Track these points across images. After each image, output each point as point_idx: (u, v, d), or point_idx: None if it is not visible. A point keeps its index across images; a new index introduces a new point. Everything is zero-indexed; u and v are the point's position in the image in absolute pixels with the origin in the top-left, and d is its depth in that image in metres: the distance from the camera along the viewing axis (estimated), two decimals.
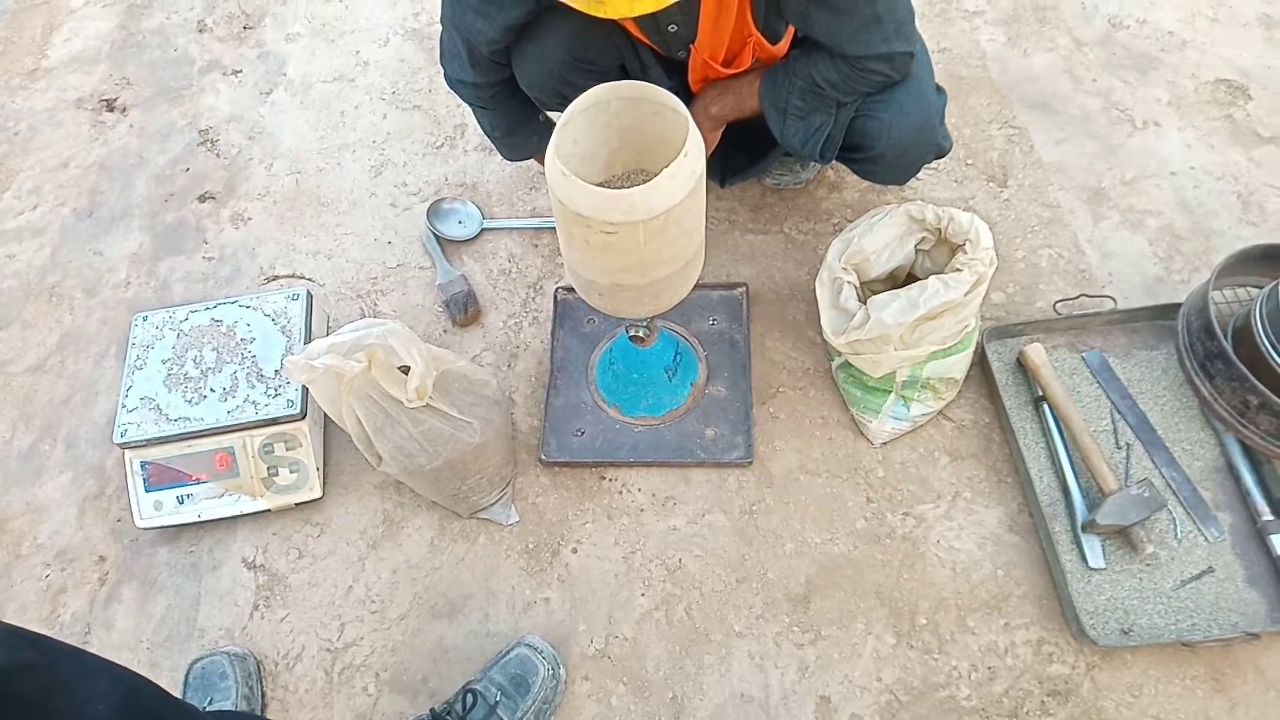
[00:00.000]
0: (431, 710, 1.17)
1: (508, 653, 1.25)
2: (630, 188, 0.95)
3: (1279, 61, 1.80)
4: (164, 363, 1.44)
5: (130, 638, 1.38)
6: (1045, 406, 1.39)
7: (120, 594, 1.41)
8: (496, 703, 1.18)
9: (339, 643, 1.34)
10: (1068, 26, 1.92)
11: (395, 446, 1.22)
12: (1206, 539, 1.29)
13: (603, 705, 1.25)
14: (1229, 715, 1.17)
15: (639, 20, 1.24)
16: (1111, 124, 1.76)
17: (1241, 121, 1.73)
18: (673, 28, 1.25)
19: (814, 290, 1.37)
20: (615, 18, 1.05)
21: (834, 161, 1.41)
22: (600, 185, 1.14)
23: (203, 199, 1.87)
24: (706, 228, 1.18)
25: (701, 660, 1.28)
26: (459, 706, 1.17)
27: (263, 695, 1.30)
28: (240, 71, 2.10)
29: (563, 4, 1.03)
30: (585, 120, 1.05)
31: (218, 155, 1.94)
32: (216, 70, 2.11)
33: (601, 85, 1.02)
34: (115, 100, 2.07)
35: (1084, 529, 1.29)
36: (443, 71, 1.41)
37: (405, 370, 1.17)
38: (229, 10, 2.22)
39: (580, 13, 1.02)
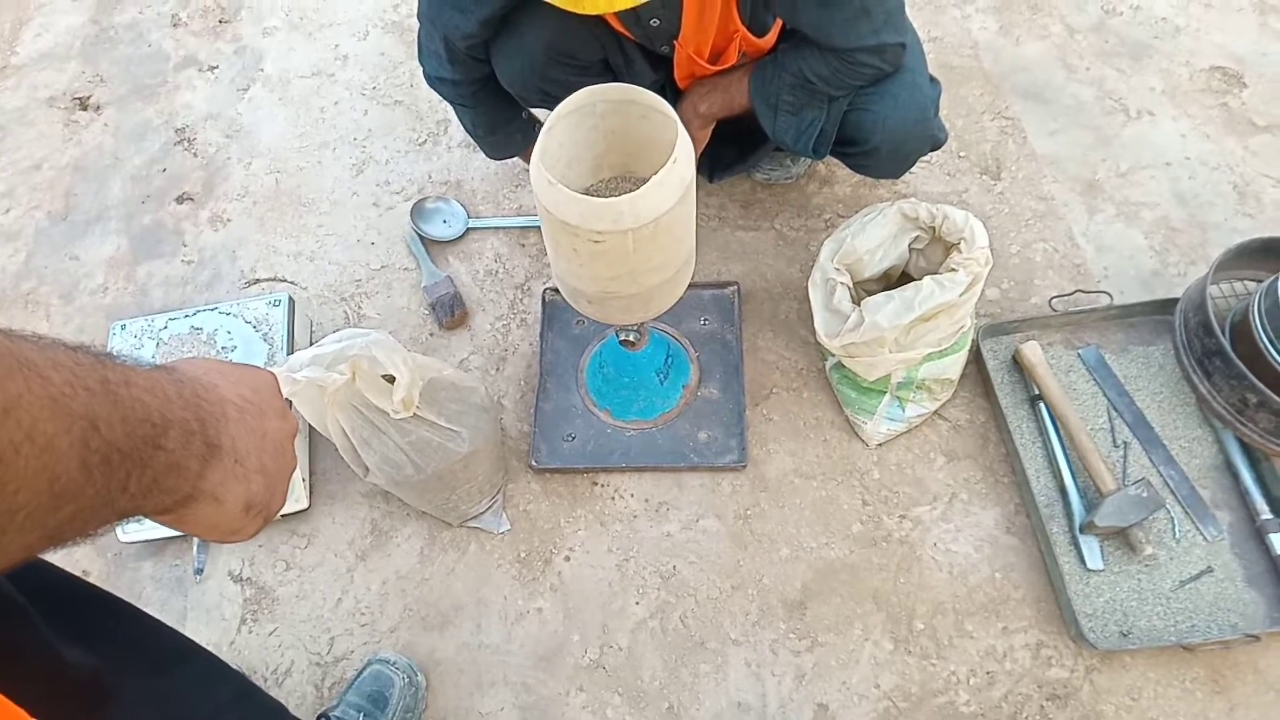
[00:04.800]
0: None
1: (362, 672, 1.25)
2: (618, 193, 0.92)
3: (1275, 48, 1.78)
4: None
5: None
6: (1042, 405, 1.37)
7: None
8: None
9: (329, 656, 1.32)
10: (1060, 14, 1.89)
11: (382, 458, 1.19)
12: (1205, 538, 1.27)
13: (598, 717, 1.24)
14: (1228, 717, 1.17)
15: (620, 15, 1.20)
16: (1105, 114, 1.73)
17: (1237, 110, 1.71)
18: (655, 22, 1.21)
19: (807, 288, 1.35)
20: (593, 13, 1.02)
21: (827, 156, 1.39)
22: (588, 190, 1.12)
23: (180, 200, 1.83)
24: (696, 225, 1.15)
25: (698, 669, 1.26)
26: None
27: None
28: (216, 67, 2.05)
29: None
30: (571, 123, 1.02)
31: (195, 155, 1.90)
32: (192, 66, 2.06)
33: (587, 88, 0.99)
34: (88, 98, 2.02)
35: (1082, 530, 1.28)
36: (421, 69, 1.38)
37: (391, 379, 1.14)
38: (203, 4, 2.16)
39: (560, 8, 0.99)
